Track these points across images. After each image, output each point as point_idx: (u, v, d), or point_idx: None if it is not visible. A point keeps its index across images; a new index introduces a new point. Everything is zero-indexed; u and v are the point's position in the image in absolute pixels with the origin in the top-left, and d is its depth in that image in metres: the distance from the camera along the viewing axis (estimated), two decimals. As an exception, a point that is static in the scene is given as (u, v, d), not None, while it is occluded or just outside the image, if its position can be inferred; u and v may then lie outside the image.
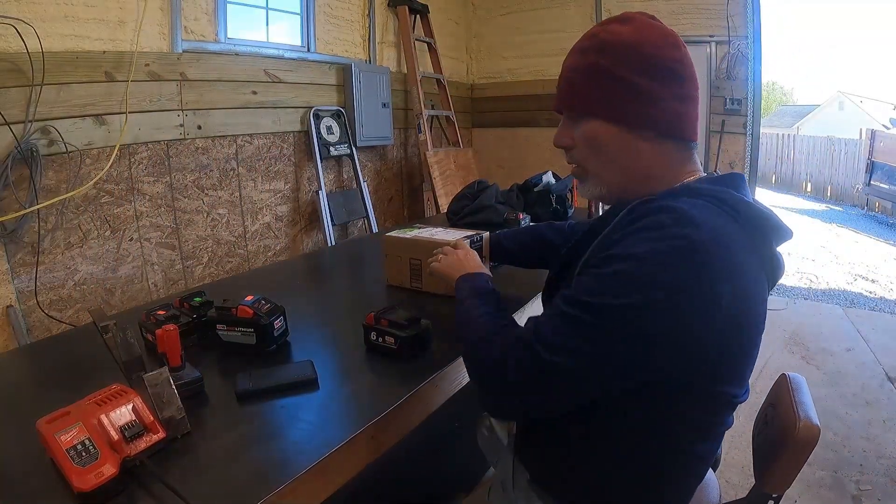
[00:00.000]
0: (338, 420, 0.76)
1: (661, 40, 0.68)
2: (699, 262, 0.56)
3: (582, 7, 4.01)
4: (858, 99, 18.41)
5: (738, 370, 0.65)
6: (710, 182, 0.68)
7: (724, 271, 0.57)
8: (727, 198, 0.63)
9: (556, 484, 0.79)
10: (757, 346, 0.65)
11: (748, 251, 0.62)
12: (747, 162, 3.71)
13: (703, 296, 0.56)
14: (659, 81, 0.67)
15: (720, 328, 0.58)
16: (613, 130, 0.69)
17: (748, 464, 1.86)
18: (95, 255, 2.11)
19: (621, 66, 0.67)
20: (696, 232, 0.57)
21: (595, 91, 0.69)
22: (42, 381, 0.90)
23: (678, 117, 0.68)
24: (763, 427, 0.89)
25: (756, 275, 0.63)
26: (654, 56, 0.67)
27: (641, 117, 0.68)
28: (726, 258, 0.58)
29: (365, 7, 3.38)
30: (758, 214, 0.63)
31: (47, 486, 0.59)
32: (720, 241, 0.58)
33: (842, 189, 9.86)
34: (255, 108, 2.69)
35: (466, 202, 1.91)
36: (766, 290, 0.67)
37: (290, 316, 0.97)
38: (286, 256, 2.96)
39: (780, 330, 3.19)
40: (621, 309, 0.57)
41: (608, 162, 0.71)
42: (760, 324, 0.65)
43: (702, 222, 0.58)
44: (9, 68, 1.76)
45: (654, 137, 0.69)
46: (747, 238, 0.62)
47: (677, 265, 0.56)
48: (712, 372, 0.62)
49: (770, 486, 0.79)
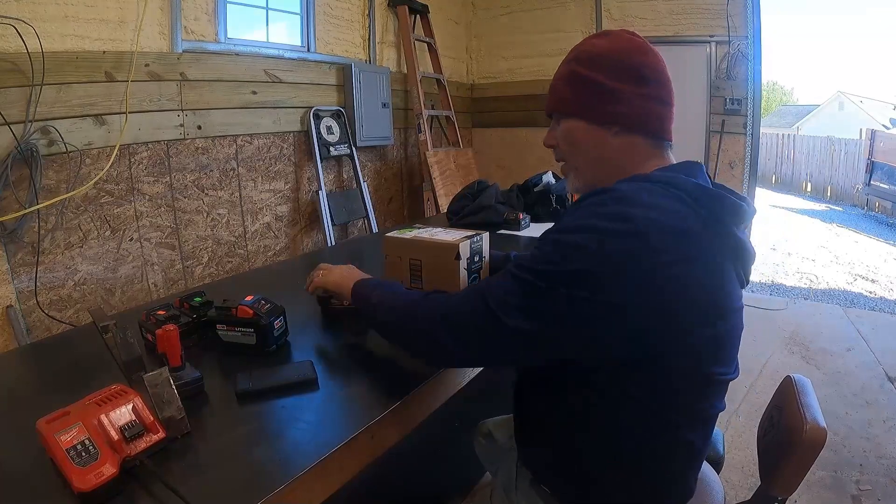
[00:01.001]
0: (338, 420, 0.76)
1: (631, 47, 0.76)
2: (633, 235, 0.60)
3: (582, 7, 4.01)
4: (858, 99, 18.41)
5: (713, 348, 0.67)
6: (662, 170, 0.73)
7: (662, 248, 0.61)
8: (678, 181, 0.67)
9: (557, 482, 0.80)
10: (734, 325, 0.69)
11: (702, 232, 0.64)
12: (747, 162, 3.71)
13: (638, 268, 0.60)
14: (625, 82, 0.74)
15: (665, 302, 0.61)
16: (585, 126, 0.77)
17: (748, 464, 1.86)
18: (95, 255, 2.11)
19: (593, 70, 0.75)
20: (632, 209, 0.62)
21: (570, 93, 0.78)
22: (42, 381, 0.90)
23: (643, 114, 0.75)
24: (769, 429, 0.89)
25: (714, 255, 0.66)
26: (622, 60, 0.75)
27: (608, 113, 0.75)
28: (667, 237, 0.61)
29: (365, 7, 3.38)
30: (710, 195, 0.66)
31: (47, 486, 0.59)
32: (660, 220, 0.62)
33: (842, 189, 9.87)
34: (255, 108, 2.69)
35: (466, 202, 1.91)
36: (731, 270, 0.68)
37: (290, 316, 0.97)
38: (286, 256, 2.96)
39: (780, 330, 3.19)
40: (563, 274, 0.62)
41: (583, 155, 0.79)
42: (728, 303, 0.67)
43: (640, 202, 0.63)
44: (9, 68, 1.76)
45: (621, 132, 0.75)
46: (700, 219, 0.65)
47: (613, 237, 0.61)
48: (679, 348, 0.64)
49: (776, 488, 0.79)
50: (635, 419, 0.69)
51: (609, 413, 0.70)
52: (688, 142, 3.81)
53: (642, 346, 0.63)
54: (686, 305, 0.62)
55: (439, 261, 1.17)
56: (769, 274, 4.83)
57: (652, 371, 0.65)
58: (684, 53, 3.74)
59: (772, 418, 0.90)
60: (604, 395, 0.69)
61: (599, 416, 0.71)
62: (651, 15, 3.79)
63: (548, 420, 0.79)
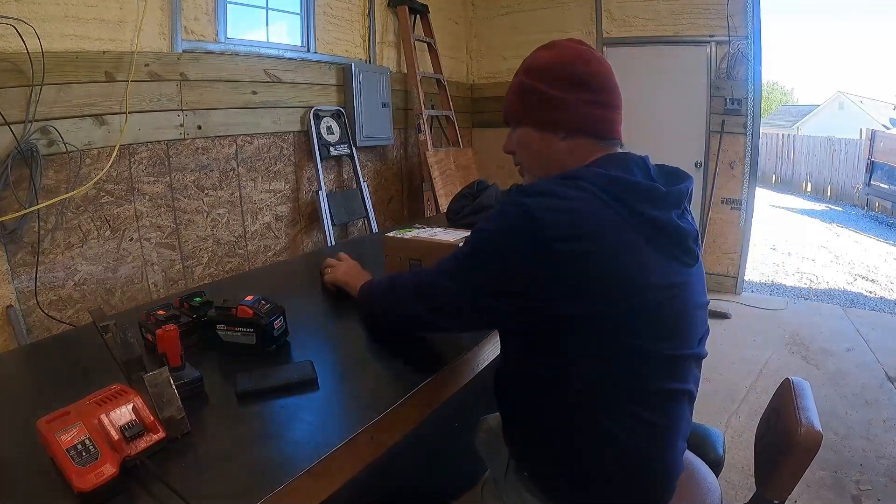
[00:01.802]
0: (338, 420, 0.76)
1: (574, 57, 0.81)
2: (523, 215, 0.69)
3: (582, 7, 4.01)
4: (858, 99, 18.41)
5: (635, 322, 0.71)
6: (583, 167, 0.79)
7: (554, 226, 0.68)
8: (583, 174, 0.74)
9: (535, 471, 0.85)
10: (663, 300, 0.73)
11: (606, 214, 0.71)
12: (747, 162, 3.71)
13: (530, 243, 0.69)
14: (567, 90, 0.80)
15: (562, 273, 0.68)
16: (534, 133, 0.84)
17: (749, 464, 1.86)
18: (95, 255, 2.11)
19: (538, 81, 0.82)
20: (528, 198, 0.71)
21: (519, 104, 0.85)
22: (42, 381, 0.90)
23: (587, 118, 0.81)
24: (765, 432, 0.89)
25: (624, 235, 0.71)
26: (565, 70, 0.81)
27: (553, 120, 0.82)
28: (559, 216, 0.69)
29: (365, 7, 3.38)
30: (619, 183, 0.73)
31: (47, 486, 0.59)
32: (552, 203, 0.70)
33: (842, 189, 9.87)
34: (255, 108, 2.69)
35: (466, 202, 1.91)
36: (649, 248, 0.72)
37: (290, 316, 0.97)
38: (286, 256, 2.96)
39: (780, 330, 3.20)
40: (472, 251, 0.76)
41: (535, 160, 0.87)
42: (646, 279, 0.71)
43: (538, 190, 0.72)
44: (9, 68, 1.76)
45: (567, 136, 0.82)
46: (605, 204, 0.71)
47: (505, 217, 0.72)
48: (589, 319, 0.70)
49: (771, 492, 0.79)
50: (588, 402, 0.74)
51: (567, 398, 0.76)
52: (688, 141, 3.81)
53: (548, 314, 0.71)
54: (586, 279, 0.69)
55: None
56: (769, 274, 4.83)
57: (578, 344, 0.72)
58: (684, 53, 3.75)
59: (769, 421, 0.90)
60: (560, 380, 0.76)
61: (560, 401, 0.77)
62: (651, 15, 3.79)
63: (520, 413, 0.86)
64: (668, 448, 0.78)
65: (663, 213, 0.74)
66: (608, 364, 0.72)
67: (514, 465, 0.89)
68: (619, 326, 0.70)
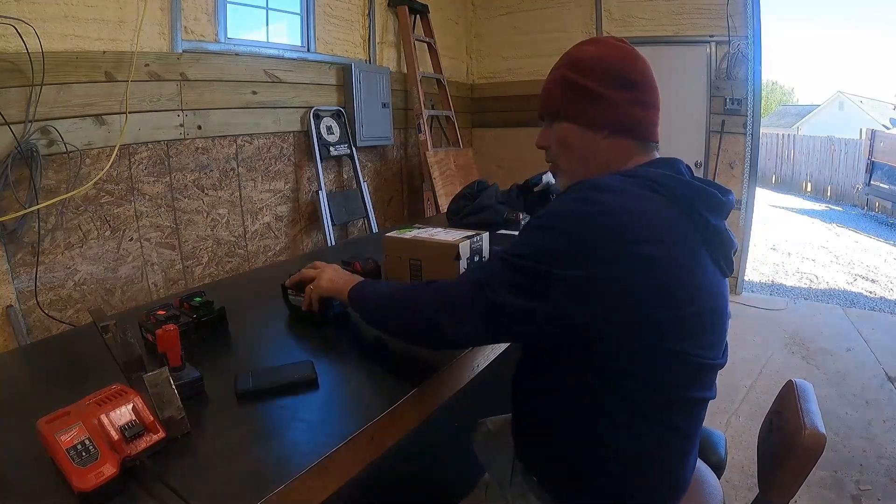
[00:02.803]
0: (338, 420, 0.76)
1: (620, 55, 0.80)
2: (599, 214, 0.66)
3: (582, 7, 4.01)
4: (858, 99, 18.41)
5: (691, 331, 0.69)
6: (642, 166, 0.77)
7: (627, 227, 0.65)
8: (653, 174, 0.72)
9: (549, 474, 0.82)
10: (709, 309, 0.71)
11: (674, 219, 0.69)
12: (747, 162, 3.71)
13: (602, 245, 0.65)
14: (614, 88, 0.78)
15: (629, 279, 0.64)
16: (576, 130, 0.81)
17: (749, 464, 1.86)
18: (95, 255, 2.11)
19: (585, 77, 0.79)
20: (602, 194, 0.68)
21: (563, 99, 0.82)
22: (42, 381, 0.90)
23: (631, 118, 0.79)
24: (768, 434, 0.89)
25: (687, 241, 0.69)
26: (612, 68, 0.79)
27: (598, 118, 0.79)
28: (633, 218, 0.66)
29: (365, 7, 3.38)
30: (686, 186, 0.71)
31: (47, 486, 0.59)
32: (627, 203, 0.67)
33: (842, 189, 9.87)
34: (255, 108, 2.69)
35: (466, 202, 1.91)
36: (706, 256, 0.71)
37: (290, 316, 0.97)
38: (286, 256, 2.96)
39: (780, 330, 3.19)
40: (535, 253, 0.68)
41: (574, 158, 0.83)
42: (701, 287, 0.69)
43: (611, 187, 0.69)
44: (9, 68, 1.76)
45: (610, 135, 0.80)
46: (673, 207, 0.69)
47: (578, 217, 0.67)
48: (658, 328, 0.67)
49: (774, 494, 0.78)
50: (621, 407, 0.72)
51: (596, 403, 0.73)
52: (688, 141, 3.81)
53: (605, 319, 0.66)
54: (651, 285, 0.66)
55: (439, 261, 1.17)
56: (769, 274, 4.83)
57: (622, 349, 0.68)
58: (684, 53, 3.74)
59: (771, 423, 0.90)
60: (591, 384, 0.72)
61: (588, 406, 0.74)
62: (651, 15, 3.79)
63: (541, 414, 0.82)
64: (688, 453, 0.78)
65: (720, 222, 0.73)
66: (646, 370, 0.70)
67: (522, 469, 0.87)
68: (665, 333, 0.68)
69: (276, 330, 1.06)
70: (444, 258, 1.16)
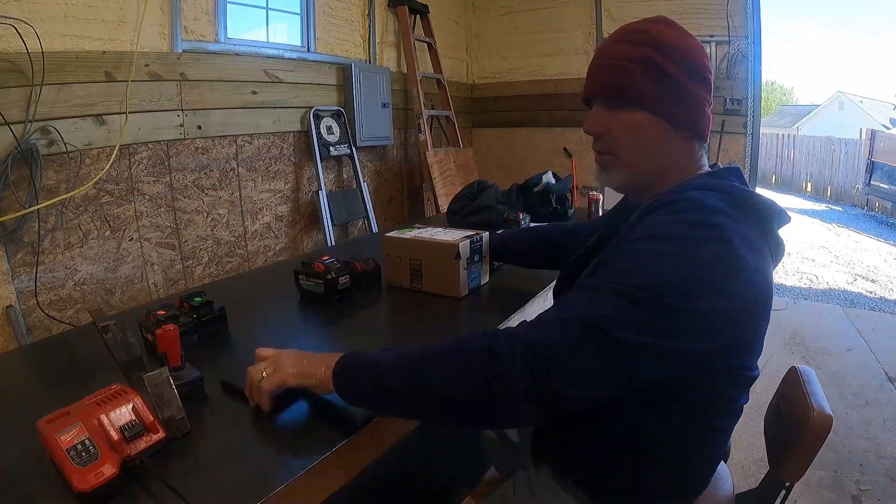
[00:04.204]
0: (338, 420, 0.76)
1: (697, 45, 0.74)
2: (720, 242, 0.60)
3: (582, 7, 4.01)
4: (858, 99, 18.42)
5: (758, 347, 0.69)
6: (711, 176, 0.72)
7: (741, 255, 0.61)
8: (732, 189, 0.67)
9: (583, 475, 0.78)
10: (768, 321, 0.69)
11: (757, 235, 0.66)
12: (747, 162, 3.71)
13: (725, 275, 0.60)
14: (700, 86, 0.72)
15: (745, 306, 0.62)
16: (657, 124, 0.72)
17: (748, 463, 1.86)
18: (95, 255, 2.11)
19: (672, 64, 0.71)
20: (714, 217, 0.61)
21: (647, 84, 0.71)
22: (42, 381, 0.90)
23: (706, 122, 0.74)
24: (776, 418, 0.92)
25: (765, 255, 0.67)
26: (697, 61, 0.72)
27: (683, 117, 0.72)
28: (743, 244, 0.61)
29: (365, 7, 3.38)
30: (761, 201, 0.68)
31: (47, 486, 0.58)
32: (734, 227, 0.62)
33: (842, 189, 9.87)
34: (255, 108, 2.69)
35: (466, 202, 1.91)
36: (772, 271, 0.70)
37: (290, 317, 0.97)
38: (286, 256, 2.96)
39: (780, 330, 3.19)
40: (662, 283, 0.58)
41: (643, 152, 0.74)
42: (770, 301, 0.68)
43: (718, 210, 0.63)
44: (9, 68, 1.76)
45: (686, 136, 0.74)
46: (754, 223, 0.66)
47: (703, 244, 0.60)
48: (739, 349, 0.65)
49: (784, 473, 0.81)
50: (681, 416, 0.69)
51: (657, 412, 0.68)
52: (688, 142, 3.81)
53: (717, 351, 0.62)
54: (755, 310, 0.64)
55: (439, 261, 1.17)
56: (769, 274, 4.83)
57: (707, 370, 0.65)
58: (684, 53, 3.74)
59: (778, 407, 0.92)
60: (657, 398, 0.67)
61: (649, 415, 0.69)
62: (651, 15, 3.79)
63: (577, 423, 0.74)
64: (721, 450, 0.79)
65: (779, 235, 0.72)
66: (717, 385, 0.68)
67: (551, 472, 0.81)
68: (736, 349, 0.65)
69: (276, 330, 1.06)
70: (445, 258, 1.16)
